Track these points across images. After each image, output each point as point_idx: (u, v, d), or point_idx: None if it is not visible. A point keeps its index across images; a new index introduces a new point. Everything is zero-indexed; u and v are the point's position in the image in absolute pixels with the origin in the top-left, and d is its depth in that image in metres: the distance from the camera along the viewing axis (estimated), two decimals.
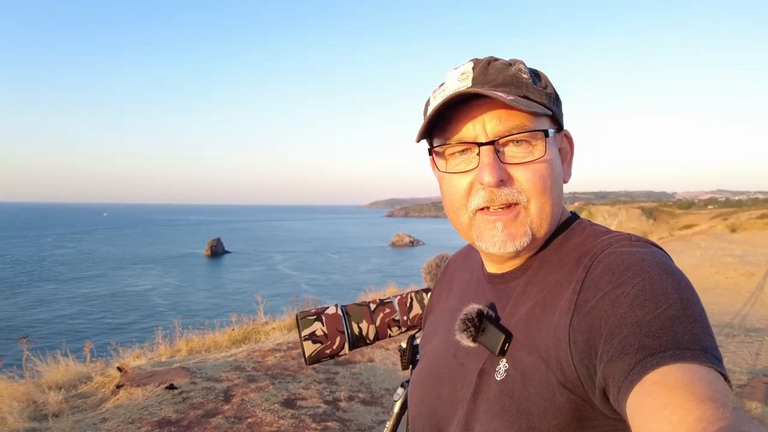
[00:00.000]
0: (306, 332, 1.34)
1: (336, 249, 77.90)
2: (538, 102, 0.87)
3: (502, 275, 0.96)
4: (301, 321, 1.35)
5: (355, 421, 4.19)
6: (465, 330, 0.90)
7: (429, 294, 1.45)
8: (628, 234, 0.85)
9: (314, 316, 1.36)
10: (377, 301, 1.44)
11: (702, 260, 15.00)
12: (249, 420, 4.03)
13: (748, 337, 7.04)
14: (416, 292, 1.46)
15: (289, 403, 4.42)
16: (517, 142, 0.86)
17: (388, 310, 1.41)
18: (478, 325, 0.89)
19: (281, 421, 4.02)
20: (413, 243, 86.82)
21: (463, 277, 1.14)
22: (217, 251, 66.25)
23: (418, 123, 0.96)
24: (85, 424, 3.98)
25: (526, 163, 0.86)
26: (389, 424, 1.49)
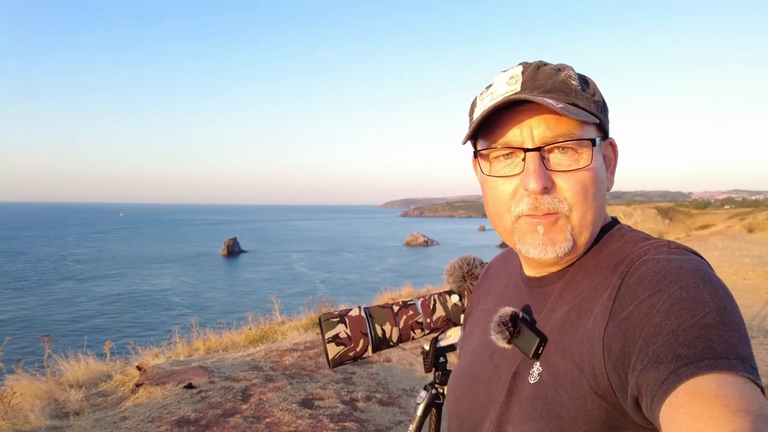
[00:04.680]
0: (329, 334, 1.33)
1: (351, 249, 77.99)
2: (586, 110, 0.86)
3: (540, 279, 0.96)
4: (325, 323, 1.35)
5: (372, 422, 4.19)
6: (500, 332, 0.90)
7: (452, 296, 1.45)
8: (667, 241, 0.84)
9: (337, 318, 1.36)
10: (400, 303, 1.43)
11: (720, 261, 14.81)
12: (267, 420, 4.04)
13: None
14: (439, 294, 1.46)
15: (306, 403, 4.43)
16: (563, 149, 0.84)
17: (411, 313, 1.41)
18: (512, 327, 0.89)
19: (299, 421, 4.03)
20: (427, 243, 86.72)
21: (502, 280, 1.14)
22: (233, 251, 66.62)
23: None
24: (105, 423, 4.02)
25: (571, 171, 0.84)
26: (412, 427, 1.49)
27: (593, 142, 0.85)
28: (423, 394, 1.52)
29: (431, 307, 1.43)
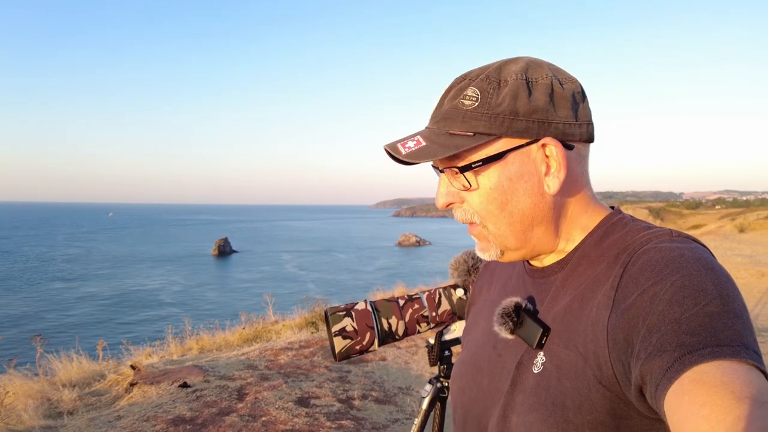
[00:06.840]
0: (336, 328, 1.33)
1: (343, 248, 77.97)
2: (461, 134, 0.83)
3: (543, 269, 0.95)
4: (331, 317, 1.34)
5: (369, 420, 4.19)
6: (503, 323, 0.90)
7: (457, 290, 1.45)
8: (669, 229, 0.83)
9: (344, 312, 1.35)
10: (406, 296, 1.43)
11: None
12: (263, 418, 4.03)
13: (761, 337, 7.00)
14: (444, 288, 1.46)
15: (302, 401, 4.42)
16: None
17: (416, 306, 1.41)
18: (515, 318, 0.89)
19: (295, 420, 4.03)
20: (420, 243, 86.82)
21: (505, 270, 1.13)
22: (224, 251, 66.40)
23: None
24: (100, 422, 3.99)
25: (465, 191, 0.88)
26: (418, 421, 1.49)
27: (465, 167, 0.85)
28: (428, 387, 1.51)
29: (436, 301, 1.43)
